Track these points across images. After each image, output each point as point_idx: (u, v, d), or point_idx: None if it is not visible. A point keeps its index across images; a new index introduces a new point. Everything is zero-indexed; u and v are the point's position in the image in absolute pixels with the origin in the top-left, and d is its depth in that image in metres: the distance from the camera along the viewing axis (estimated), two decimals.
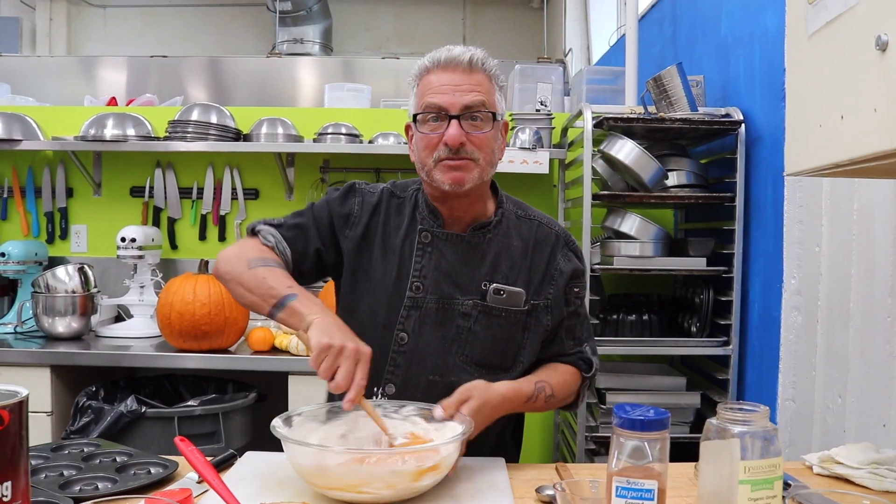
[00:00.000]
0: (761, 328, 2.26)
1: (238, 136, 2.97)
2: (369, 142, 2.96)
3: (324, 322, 1.20)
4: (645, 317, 2.55)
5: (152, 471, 1.22)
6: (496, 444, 1.46)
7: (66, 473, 1.20)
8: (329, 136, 2.91)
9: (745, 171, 2.35)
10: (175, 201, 3.15)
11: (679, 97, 2.39)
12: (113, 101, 3.49)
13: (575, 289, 1.46)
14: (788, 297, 2.05)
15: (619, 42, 3.72)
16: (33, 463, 1.23)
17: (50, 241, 3.14)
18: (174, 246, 3.16)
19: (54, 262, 2.96)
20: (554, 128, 2.93)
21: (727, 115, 2.39)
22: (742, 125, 2.32)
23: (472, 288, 1.39)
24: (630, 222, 2.46)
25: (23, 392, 0.83)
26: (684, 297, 2.67)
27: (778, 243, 2.11)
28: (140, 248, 2.80)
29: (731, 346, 2.37)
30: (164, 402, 2.46)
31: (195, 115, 2.90)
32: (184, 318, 2.45)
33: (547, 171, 2.80)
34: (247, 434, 2.44)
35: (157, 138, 2.94)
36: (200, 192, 3.14)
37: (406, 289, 1.38)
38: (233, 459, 1.28)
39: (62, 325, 2.65)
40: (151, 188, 3.14)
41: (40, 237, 3.14)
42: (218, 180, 3.14)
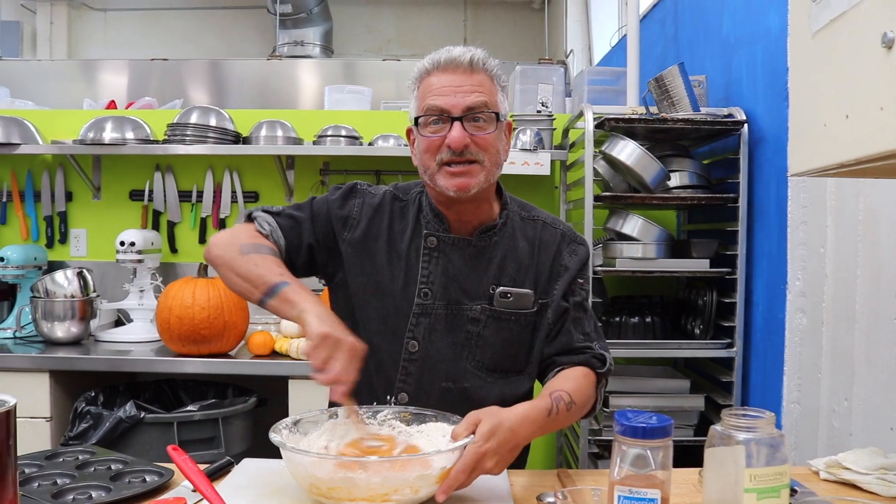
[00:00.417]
0: (765, 330, 2.24)
1: (237, 138, 2.95)
2: (369, 144, 2.94)
3: (320, 311, 1.18)
4: (648, 319, 2.53)
5: (147, 479, 1.20)
6: None
7: (59, 482, 1.18)
8: (329, 139, 2.90)
9: (749, 171, 2.33)
10: (174, 205, 3.13)
11: (681, 97, 2.37)
12: (112, 105, 3.48)
13: (580, 280, 1.42)
14: (793, 299, 2.03)
15: (620, 42, 3.70)
16: (27, 471, 1.22)
17: (49, 245, 3.12)
18: (174, 250, 3.14)
19: (54, 266, 2.95)
20: (555, 129, 2.91)
21: (730, 116, 2.37)
22: (745, 125, 2.30)
23: (479, 293, 1.37)
24: (632, 224, 2.44)
25: (10, 401, 0.82)
26: (687, 299, 2.65)
27: (782, 244, 2.09)
28: (139, 251, 2.79)
29: (735, 349, 2.34)
30: (163, 407, 2.45)
31: (194, 118, 2.88)
32: (183, 322, 2.43)
33: (548, 173, 2.78)
34: (247, 439, 2.42)
35: (156, 141, 2.93)
36: (200, 195, 3.13)
37: (414, 295, 1.36)
38: (229, 467, 1.26)
39: (61, 330, 2.64)
40: (151, 192, 3.12)
41: (39, 241, 3.13)
42: (217, 183, 3.13)
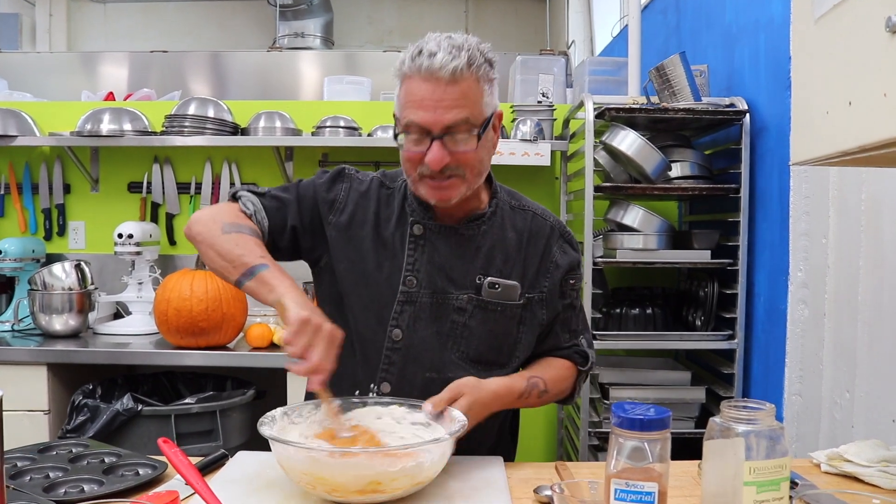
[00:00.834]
0: (767, 322, 2.23)
1: (236, 129, 2.94)
2: (368, 135, 2.92)
3: (298, 296, 1.16)
4: (649, 310, 2.52)
5: (140, 472, 1.19)
6: (495, 442, 1.43)
7: (51, 475, 1.17)
8: (328, 130, 2.88)
9: (751, 161, 2.31)
10: (173, 196, 3.11)
11: (682, 87, 2.34)
12: (110, 96, 3.46)
13: (570, 281, 1.41)
14: (795, 290, 2.02)
15: (622, 33, 3.67)
16: (19, 465, 1.21)
17: (47, 237, 3.11)
18: (172, 242, 3.13)
19: (52, 258, 2.93)
20: (556, 119, 2.89)
21: (731, 105, 2.34)
22: (747, 115, 2.28)
23: (466, 282, 1.34)
24: (633, 214, 2.42)
25: None
26: (689, 291, 2.63)
27: (784, 235, 2.07)
28: (138, 244, 2.77)
29: (736, 340, 2.33)
30: (162, 399, 2.43)
31: (192, 110, 2.86)
32: (181, 314, 2.42)
33: (548, 163, 2.76)
34: (245, 432, 2.41)
35: (154, 133, 2.91)
36: (199, 187, 3.11)
37: (399, 283, 1.33)
38: (224, 460, 1.25)
39: (59, 323, 2.63)
40: (149, 184, 3.11)
41: (37, 234, 3.12)
42: (216, 175, 3.11)
